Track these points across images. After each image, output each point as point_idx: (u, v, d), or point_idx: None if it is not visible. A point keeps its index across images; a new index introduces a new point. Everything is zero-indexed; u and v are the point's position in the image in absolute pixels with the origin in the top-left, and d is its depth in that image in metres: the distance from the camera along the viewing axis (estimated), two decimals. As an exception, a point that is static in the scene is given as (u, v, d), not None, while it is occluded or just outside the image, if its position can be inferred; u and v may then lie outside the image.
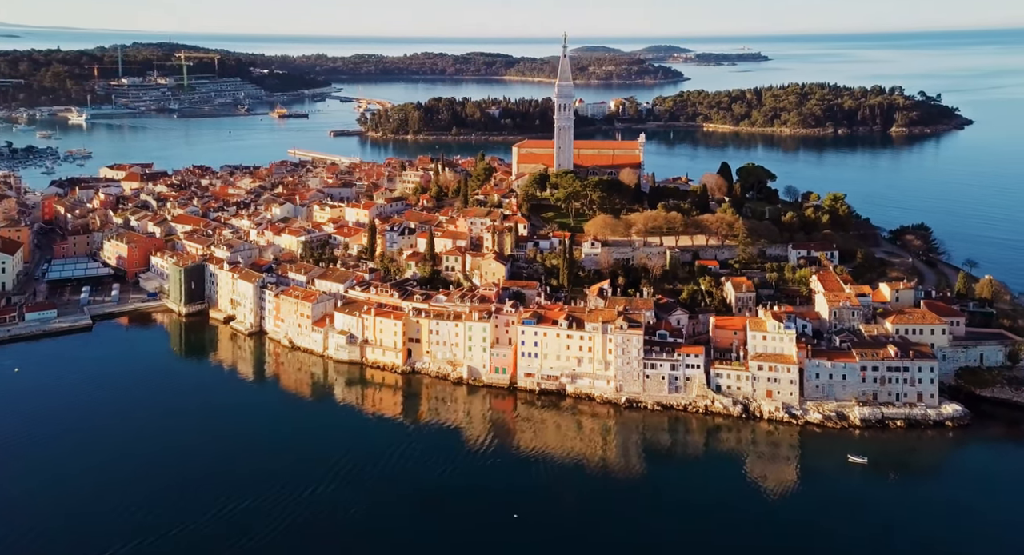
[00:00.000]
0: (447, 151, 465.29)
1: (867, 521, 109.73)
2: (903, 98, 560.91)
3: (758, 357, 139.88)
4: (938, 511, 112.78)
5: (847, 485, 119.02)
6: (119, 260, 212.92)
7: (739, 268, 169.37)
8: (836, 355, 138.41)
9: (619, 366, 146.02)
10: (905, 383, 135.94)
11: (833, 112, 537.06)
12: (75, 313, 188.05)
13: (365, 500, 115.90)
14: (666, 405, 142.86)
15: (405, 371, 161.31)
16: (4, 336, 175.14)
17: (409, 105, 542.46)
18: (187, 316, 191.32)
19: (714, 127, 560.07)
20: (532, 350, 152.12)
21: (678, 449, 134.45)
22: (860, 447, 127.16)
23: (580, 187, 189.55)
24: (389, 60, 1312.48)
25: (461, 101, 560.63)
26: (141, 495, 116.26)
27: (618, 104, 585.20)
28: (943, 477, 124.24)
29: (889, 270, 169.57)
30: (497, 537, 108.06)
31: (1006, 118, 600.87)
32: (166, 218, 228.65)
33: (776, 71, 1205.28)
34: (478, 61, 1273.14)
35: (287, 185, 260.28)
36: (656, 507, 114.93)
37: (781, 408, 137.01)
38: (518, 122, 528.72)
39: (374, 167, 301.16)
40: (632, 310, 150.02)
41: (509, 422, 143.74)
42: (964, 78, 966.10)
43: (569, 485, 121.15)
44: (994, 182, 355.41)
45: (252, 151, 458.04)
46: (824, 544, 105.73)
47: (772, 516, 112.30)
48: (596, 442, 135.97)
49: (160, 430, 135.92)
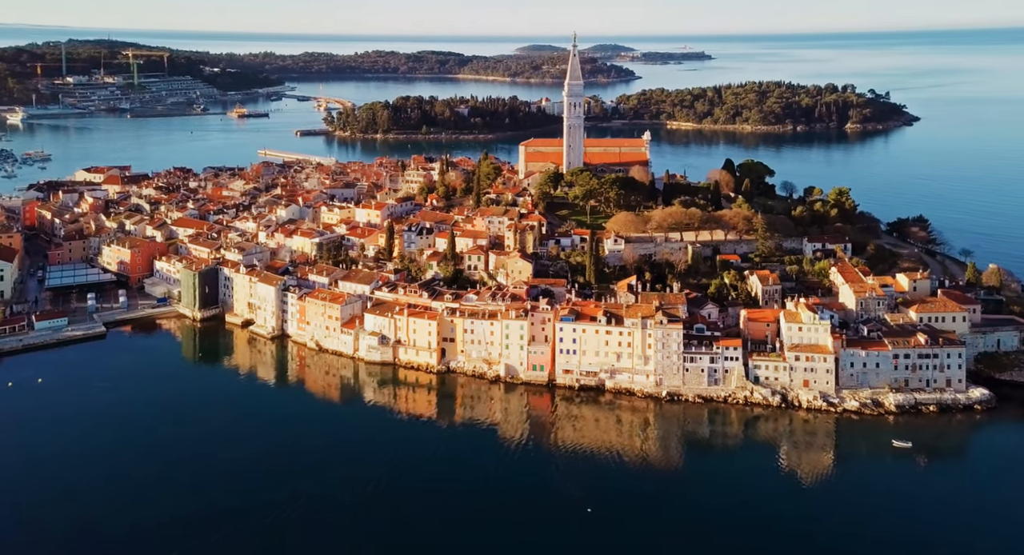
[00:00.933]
0: (417, 150, 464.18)
1: (926, 500, 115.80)
2: (856, 96, 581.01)
3: (795, 348, 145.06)
4: (983, 487, 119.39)
5: (900, 468, 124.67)
6: (121, 265, 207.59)
7: (759, 262, 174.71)
8: (869, 344, 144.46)
9: (659, 360, 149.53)
10: (935, 369, 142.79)
11: (792, 110, 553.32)
12: (86, 321, 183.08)
13: (434, 498, 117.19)
14: (706, 397, 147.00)
15: (440, 371, 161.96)
16: (17, 346, 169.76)
17: (378, 104, 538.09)
18: (202, 321, 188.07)
19: (677, 125, 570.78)
20: (571, 347, 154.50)
21: (730, 440, 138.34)
22: (900, 432, 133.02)
23: (597, 185, 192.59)
24: (340, 58, 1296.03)
25: (429, 100, 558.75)
26: (204, 503, 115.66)
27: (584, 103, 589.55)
28: (986, 456, 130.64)
29: (900, 261, 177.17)
30: (580, 529, 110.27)
31: (949, 115, 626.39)
32: (165, 222, 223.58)
33: (722, 70, 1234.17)
34: (431, 60, 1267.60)
35: (284, 187, 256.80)
36: (725, 492, 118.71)
37: (819, 397, 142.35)
38: (488, 121, 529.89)
39: (368, 168, 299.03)
40: (667, 305, 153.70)
41: (552, 419, 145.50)
42: (899, 77, 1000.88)
43: (624, 477, 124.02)
44: (956, 174, 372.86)
45: (220, 152, 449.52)
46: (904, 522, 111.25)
47: (838, 498, 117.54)
48: (645, 436, 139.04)
49: (207, 439, 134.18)
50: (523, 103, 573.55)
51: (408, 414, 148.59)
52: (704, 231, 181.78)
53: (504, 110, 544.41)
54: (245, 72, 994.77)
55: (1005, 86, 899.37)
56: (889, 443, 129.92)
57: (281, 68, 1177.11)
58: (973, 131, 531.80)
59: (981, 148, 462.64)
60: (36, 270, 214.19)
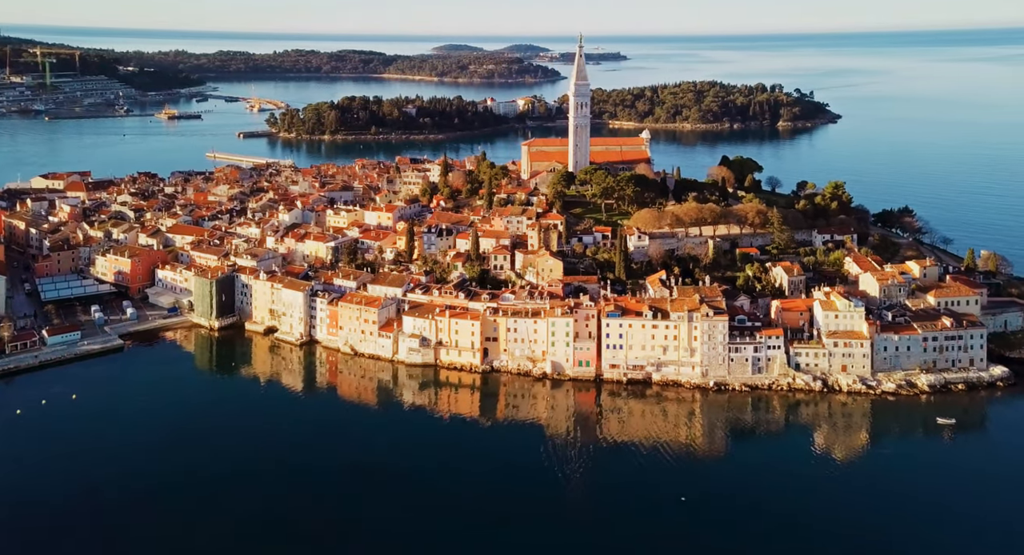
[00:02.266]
0: (368, 151, 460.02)
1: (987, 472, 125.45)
2: (785, 95, 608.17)
3: (833, 334, 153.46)
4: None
5: (952, 442, 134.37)
6: (119, 276, 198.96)
7: (777, 254, 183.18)
8: (900, 329, 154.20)
9: (705, 352, 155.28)
10: (959, 350, 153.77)
11: (728, 109, 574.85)
12: (99, 334, 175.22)
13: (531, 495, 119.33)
14: (752, 385, 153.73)
15: (484, 370, 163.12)
16: (33, 363, 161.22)
17: (323, 105, 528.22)
18: (220, 330, 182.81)
19: (620, 124, 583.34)
20: (617, 342, 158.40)
21: (797, 426, 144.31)
22: (941, 410, 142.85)
23: (613, 183, 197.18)
24: (258, 57, 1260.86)
25: (375, 100, 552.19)
26: (292, 509, 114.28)
27: (527, 102, 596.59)
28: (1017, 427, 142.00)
29: (903, 250, 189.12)
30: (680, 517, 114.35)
31: (866, 112, 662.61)
32: (159, 229, 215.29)
33: (640, 70, 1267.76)
34: (354, 59, 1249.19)
35: (275, 191, 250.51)
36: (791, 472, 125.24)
37: (857, 380, 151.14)
38: (437, 121, 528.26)
39: (348, 169, 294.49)
40: (708, 298, 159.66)
41: (605, 412, 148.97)
42: (809, 77, 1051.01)
43: (689, 467, 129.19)
44: (893, 168, 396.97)
45: (164, 155, 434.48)
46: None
47: (900, 470, 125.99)
48: (701, 424, 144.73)
49: (266, 451, 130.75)
50: (470, 103, 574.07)
51: (457, 413, 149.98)
52: (721, 226, 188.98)
53: (452, 110, 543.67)
54: (163, 71, 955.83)
55: (904, 85, 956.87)
56: (934, 420, 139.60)
57: (196, 67, 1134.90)
58: (890, 127, 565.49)
59: (898, 141, 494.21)
60: (23, 282, 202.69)
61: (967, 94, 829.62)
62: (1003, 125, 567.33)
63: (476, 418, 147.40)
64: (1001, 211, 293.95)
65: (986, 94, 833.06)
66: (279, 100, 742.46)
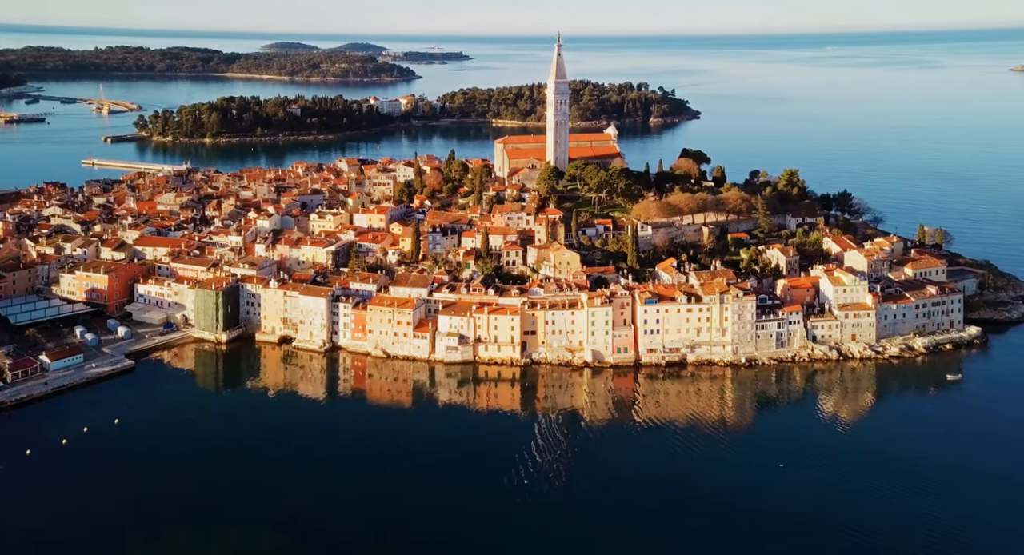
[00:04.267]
0: (255, 155, 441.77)
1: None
2: (653, 93, 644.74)
3: (843, 307, 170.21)
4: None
5: (965, 394, 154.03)
6: (93, 293, 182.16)
7: (763, 237, 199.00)
8: (897, 298, 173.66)
9: (735, 331, 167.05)
10: (943, 314, 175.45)
11: (604, 106, 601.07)
12: (100, 356, 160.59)
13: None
14: (778, 359, 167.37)
15: (525, 364, 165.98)
16: (46, 390, 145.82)
17: (202, 106, 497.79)
18: (228, 343, 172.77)
19: (503, 122, 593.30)
20: (654, 327, 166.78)
21: (828, 391, 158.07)
22: (948, 367, 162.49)
23: (606, 177, 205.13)
24: (78, 54, 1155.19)
25: (254, 100, 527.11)
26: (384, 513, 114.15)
27: (410, 101, 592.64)
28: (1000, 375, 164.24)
29: (862, 230, 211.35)
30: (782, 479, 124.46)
31: (719, 109, 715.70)
32: (124, 242, 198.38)
33: (486, 70, 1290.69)
34: (191, 57, 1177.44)
35: (239, 198, 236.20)
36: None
37: (867, 347, 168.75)
38: (325, 121, 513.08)
39: (289, 172, 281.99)
40: (733, 281, 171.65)
41: (649, 395, 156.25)
42: (648, 75, 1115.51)
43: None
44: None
45: (23, 161, 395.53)
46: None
47: (929, 417, 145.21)
48: (733, 399, 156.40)
49: (340, 468, 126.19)
50: (354, 103, 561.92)
51: (501, 407, 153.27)
52: (710, 213, 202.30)
53: (339, 110, 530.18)
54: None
55: (740, 84, 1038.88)
56: (943, 377, 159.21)
57: (3, 63, 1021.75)
58: (744, 122, 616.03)
59: (751, 128, 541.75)
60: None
61: (786, 89, 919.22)
62: (849, 116, 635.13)
63: (528, 409, 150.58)
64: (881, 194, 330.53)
65: (808, 89, 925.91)
66: (129, 102, 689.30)
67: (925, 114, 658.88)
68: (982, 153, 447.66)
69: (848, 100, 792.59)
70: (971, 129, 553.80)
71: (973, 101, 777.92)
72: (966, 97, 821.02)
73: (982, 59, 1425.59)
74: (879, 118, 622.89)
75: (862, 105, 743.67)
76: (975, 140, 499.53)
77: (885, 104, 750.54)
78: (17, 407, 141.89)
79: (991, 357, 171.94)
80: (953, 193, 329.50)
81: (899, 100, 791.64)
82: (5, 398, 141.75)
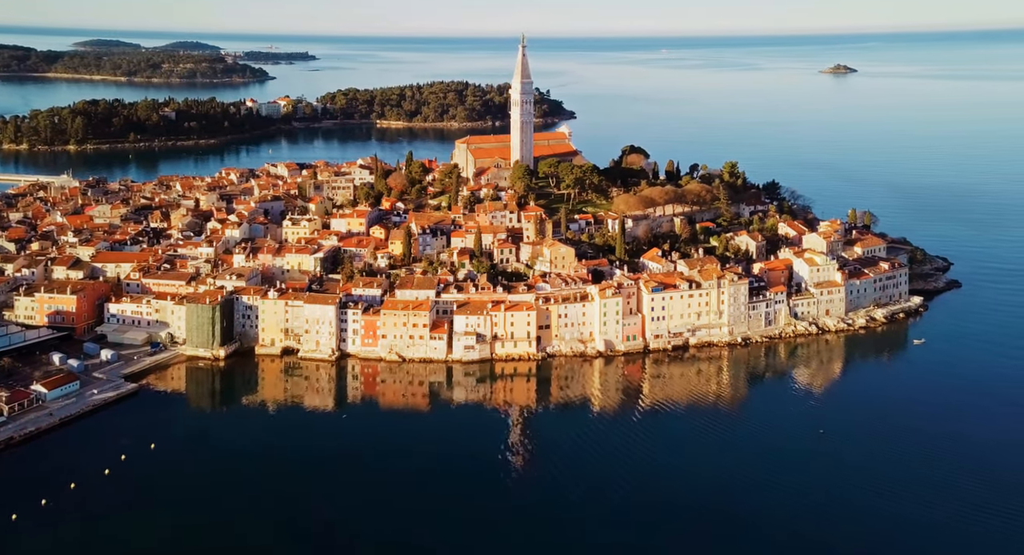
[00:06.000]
0: (126, 161, 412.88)
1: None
2: (535, 94, 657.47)
3: (818, 285, 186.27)
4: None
5: (933, 352, 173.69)
6: (58, 316, 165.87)
7: (726, 226, 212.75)
8: (859, 275, 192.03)
9: (731, 312, 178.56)
10: (894, 287, 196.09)
11: (489, 107, 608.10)
12: (95, 382, 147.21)
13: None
14: (768, 336, 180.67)
15: (541, 358, 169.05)
16: (53, 422, 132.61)
17: (63, 110, 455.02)
18: (226, 359, 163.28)
19: (388, 124, 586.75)
20: (660, 314, 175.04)
21: (853, 363, 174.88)
22: (913, 333, 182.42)
23: (581, 174, 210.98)
24: None
25: (115, 102, 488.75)
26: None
27: (289, 104, 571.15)
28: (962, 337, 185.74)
29: (805, 214, 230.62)
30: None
31: (592, 108, 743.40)
32: (79, 259, 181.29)
33: (340, 70, 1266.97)
34: (2, 54, 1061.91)
35: (193, 209, 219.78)
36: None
37: (840, 320, 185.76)
38: (203, 125, 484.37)
39: (222, 179, 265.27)
40: (726, 267, 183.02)
41: (656, 379, 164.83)
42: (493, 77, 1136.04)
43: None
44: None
45: None
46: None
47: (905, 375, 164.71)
48: (729, 377, 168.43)
49: (381, 470, 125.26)
50: (231, 105, 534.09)
51: (525, 400, 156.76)
52: (677, 205, 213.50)
53: (218, 113, 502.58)
54: None
55: (595, 85, 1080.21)
56: (911, 341, 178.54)
57: None
58: (617, 120, 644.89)
59: (640, 131, 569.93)
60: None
61: (637, 89, 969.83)
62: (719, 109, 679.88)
63: (550, 402, 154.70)
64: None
65: (657, 89, 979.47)
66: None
67: (761, 110, 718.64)
68: (834, 143, 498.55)
69: (691, 100, 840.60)
70: (799, 122, 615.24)
71: (790, 99, 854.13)
72: (782, 95, 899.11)
73: (795, 62, 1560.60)
74: (729, 114, 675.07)
75: (705, 104, 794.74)
76: (814, 131, 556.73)
77: (726, 102, 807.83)
78: (26, 441, 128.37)
79: (936, 321, 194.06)
80: (815, 177, 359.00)
81: (730, 100, 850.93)
82: (13, 433, 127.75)
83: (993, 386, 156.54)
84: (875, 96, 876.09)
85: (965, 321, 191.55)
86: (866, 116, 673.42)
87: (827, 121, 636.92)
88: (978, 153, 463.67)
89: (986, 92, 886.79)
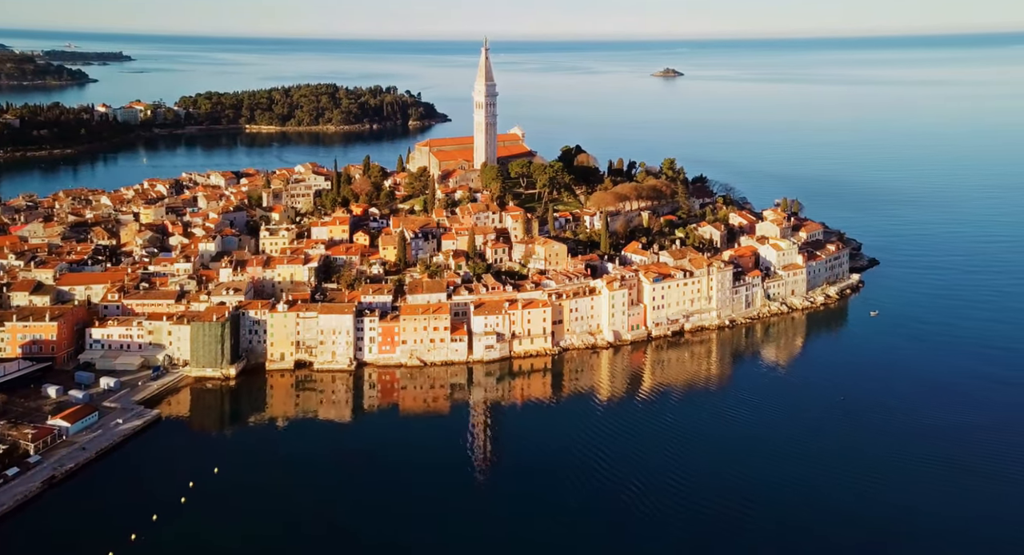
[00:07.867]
0: None
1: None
2: (406, 96, 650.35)
3: (786, 267, 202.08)
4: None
5: (884, 321, 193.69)
6: (35, 346, 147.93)
7: (686, 218, 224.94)
8: (815, 257, 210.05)
9: (719, 297, 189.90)
10: (839, 267, 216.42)
11: (365, 110, 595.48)
12: (113, 412, 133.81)
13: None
14: (750, 318, 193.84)
15: (556, 353, 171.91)
16: (89, 455, 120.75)
17: None
18: (237, 377, 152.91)
19: (258, 128, 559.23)
20: (660, 303, 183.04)
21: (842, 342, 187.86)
22: (868, 305, 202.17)
23: (554, 173, 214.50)
24: None
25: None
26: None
27: (147, 108, 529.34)
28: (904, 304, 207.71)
29: (745, 204, 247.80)
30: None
31: (454, 111, 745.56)
32: (41, 283, 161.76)
33: (160, 72, 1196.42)
34: None
35: (153, 225, 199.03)
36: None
37: (804, 299, 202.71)
38: (57, 133, 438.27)
39: (149, 190, 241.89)
40: (712, 256, 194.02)
41: (656, 364, 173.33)
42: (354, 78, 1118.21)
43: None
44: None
45: None
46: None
47: (871, 339, 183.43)
48: (718, 357, 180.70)
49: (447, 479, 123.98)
50: (82, 111, 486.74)
51: (557, 396, 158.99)
52: (640, 200, 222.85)
53: (71, 119, 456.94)
54: None
55: (442, 90, 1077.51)
56: (868, 313, 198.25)
57: None
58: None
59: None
60: None
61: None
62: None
63: (571, 394, 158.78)
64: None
65: (505, 92, 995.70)
66: None
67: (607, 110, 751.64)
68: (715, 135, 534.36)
69: (544, 100, 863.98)
70: (648, 120, 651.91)
71: (632, 99, 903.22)
72: (625, 96, 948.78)
73: (627, 65, 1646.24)
74: (579, 115, 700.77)
75: (556, 105, 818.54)
76: (665, 129, 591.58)
77: (569, 105, 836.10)
78: (68, 478, 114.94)
79: (876, 295, 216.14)
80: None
81: (573, 101, 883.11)
82: (53, 471, 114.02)
83: (958, 341, 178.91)
84: (706, 97, 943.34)
85: (900, 292, 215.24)
86: (706, 115, 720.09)
87: (675, 118, 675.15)
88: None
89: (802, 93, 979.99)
